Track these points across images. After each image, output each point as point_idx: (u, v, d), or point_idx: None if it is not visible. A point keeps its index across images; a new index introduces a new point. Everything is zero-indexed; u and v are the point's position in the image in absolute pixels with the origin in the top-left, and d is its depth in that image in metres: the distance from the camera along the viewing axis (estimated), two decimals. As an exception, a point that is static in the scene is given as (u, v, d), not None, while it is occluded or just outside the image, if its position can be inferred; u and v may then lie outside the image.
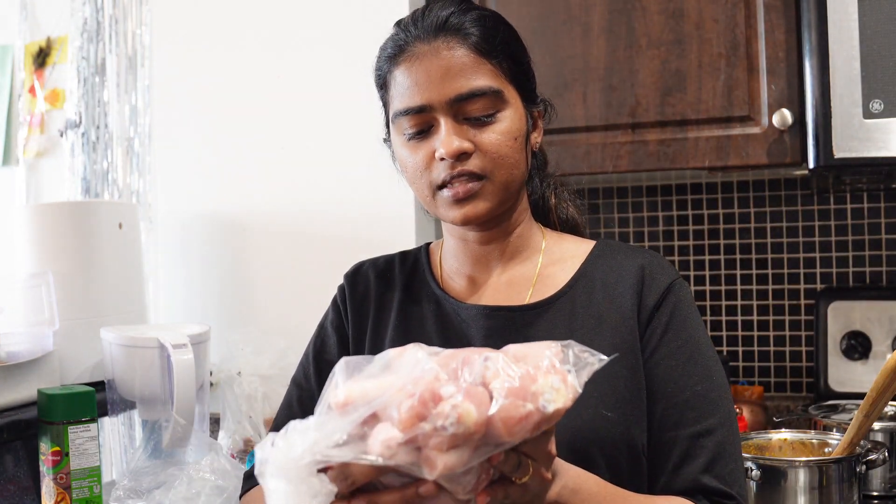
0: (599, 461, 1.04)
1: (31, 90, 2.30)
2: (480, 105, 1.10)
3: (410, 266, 1.27)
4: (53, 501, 1.37)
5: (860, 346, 1.97)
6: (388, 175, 1.27)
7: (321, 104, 2.00)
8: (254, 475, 1.23)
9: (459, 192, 1.10)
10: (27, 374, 1.50)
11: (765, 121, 1.73)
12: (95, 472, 1.40)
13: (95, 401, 1.42)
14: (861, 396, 1.47)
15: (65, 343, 1.62)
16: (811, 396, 2.07)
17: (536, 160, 1.26)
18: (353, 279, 1.28)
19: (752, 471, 1.45)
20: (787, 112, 1.69)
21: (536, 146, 1.21)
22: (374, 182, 1.93)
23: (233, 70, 2.07)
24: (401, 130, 1.14)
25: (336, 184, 1.98)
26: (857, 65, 1.58)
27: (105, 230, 1.74)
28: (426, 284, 1.23)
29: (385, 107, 1.19)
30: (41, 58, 2.28)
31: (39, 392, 1.43)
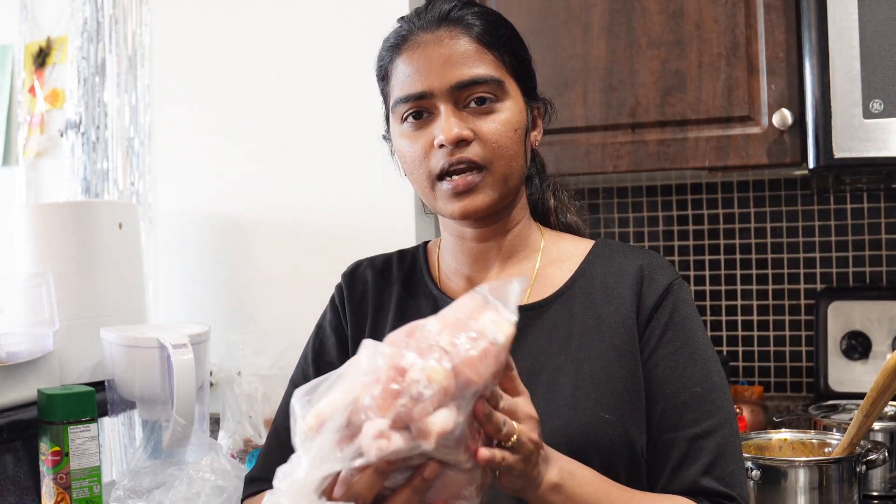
0: (597, 463, 1.03)
1: (31, 90, 2.30)
2: (481, 93, 1.10)
3: (408, 265, 1.26)
4: (53, 501, 1.37)
5: (860, 346, 1.97)
6: (388, 175, 1.27)
7: (321, 104, 2.00)
8: (255, 479, 1.23)
9: (459, 185, 1.09)
10: (27, 374, 1.50)
11: (765, 121, 1.73)
12: (95, 472, 1.40)
13: (95, 401, 1.42)
14: (861, 396, 1.47)
15: (65, 343, 1.62)
16: (811, 396, 2.06)
17: (536, 162, 1.26)
18: (351, 279, 1.27)
19: (752, 471, 1.45)
20: (787, 112, 1.69)
21: (536, 144, 1.20)
22: (374, 182, 1.93)
23: (233, 70, 2.07)
24: (399, 118, 1.14)
25: (336, 184, 1.98)
26: (857, 65, 1.58)
27: (105, 230, 1.74)
28: (424, 284, 1.23)
29: (385, 100, 1.19)
30: (41, 58, 2.28)
31: (39, 392, 1.43)
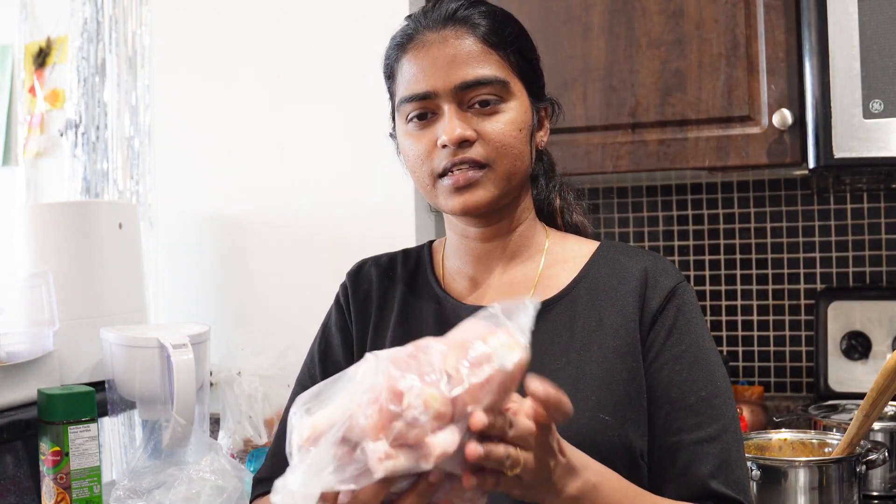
0: None
1: (31, 90, 2.30)
2: (485, 94, 1.10)
3: (413, 265, 1.26)
4: (53, 501, 1.37)
5: (860, 346, 1.97)
6: (389, 175, 1.27)
7: (321, 104, 2.00)
8: (263, 479, 1.23)
9: (459, 180, 1.09)
10: (27, 374, 1.50)
11: (765, 121, 1.73)
12: (95, 472, 1.40)
13: (95, 401, 1.42)
14: (861, 396, 1.47)
15: (65, 343, 1.61)
16: (811, 396, 2.06)
17: (543, 162, 1.26)
18: (356, 278, 1.27)
19: (752, 471, 1.45)
20: (787, 112, 1.69)
21: (542, 145, 1.20)
22: (375, 181, 1.93)
23: (233, 70, 2.07)
24: (404, 117, 1.14)
25: (336, 183, 1.98)
26: (857, 65, 1.58)
27: (105, 230, 1.74)
28: (428, 284, 1.22)
29: (392, 97, 1.19)
30: (41, 58, 2.28)
31: (39, 392, 1.43)
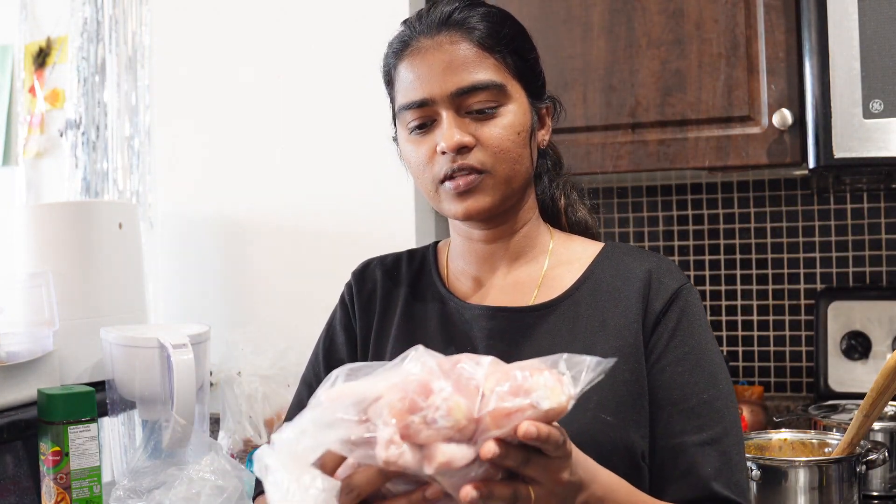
0: None
1: (31, 90, 2.30)
2: (482, 99, 1.10)
3: (418, 265, 1.26)
4: (53, 501, 1.37)
5: (860, 346, 1.97)
6: (389, 175, 1.27)
7: (321, 104, 2.00)
8: None
9: (460, 185, 1.10)
10: (27, 374, 1.50)
11: (765, 121, 1.73)
12: (95, 472, 1.40)
13: (95, 401, 1.42)
14: (861, 396, 1.47)
15: (65, 343, 1.61)
16: (811, 396, 2.06)
17: (548, 160, 1.26)
18: (361, 277, 1.27)
19: (752, 471, 1.45)
20: (787, 112, 1.69)
21: (544, 144, 1.20)
22: (375, 182, 1.93)
23: (233, 70, 2.07)
24: (404, 125, 1.14)
25: (336, 184, 1.98)
26: (857, 65, 1.58)
27: (105, 230, 1.74)
28: (432, 283, 1.23)
29: (392, 103, 1.19)
30: (41, 58, 2.28)
31: (39, 392, 1.43)
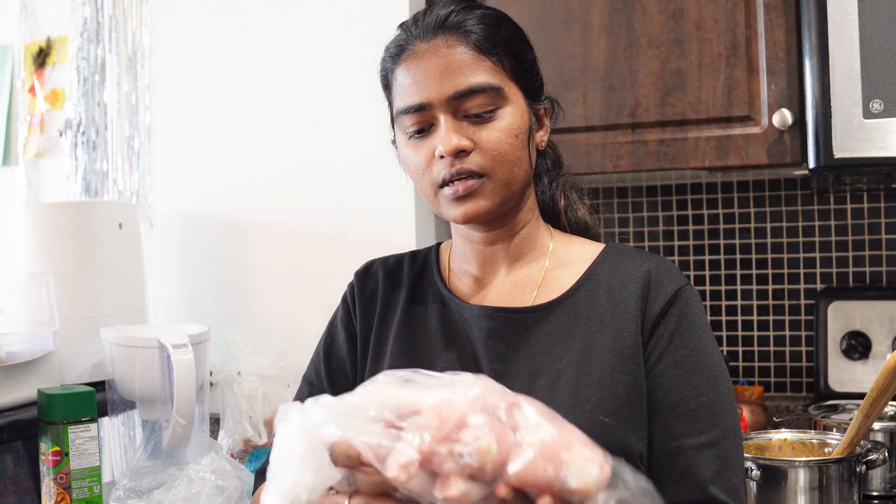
0: None
1: (31, 90, 2.30)
2: (479, 102, 1.10)
3: (419, 265, 1.27)
4: (53, 501, 1.37)
5: (860, 346, 1.97)
6: (388, 175, 1.27)
7: (321, 104, 2.00)
8: (265, 472, 1.24)
9: (459, 190, 1.10)
10: (27, 374, 1.50)
11: (765, 121, 1.73)
12: (95, 472, 1.40)
13: (95, 401, 1.42)
14: (861, 396, 1.47)
15: (65, 343, 1.61)
16: (811, 396, 2.06)
17: (547, 160, 1.26)
18: (363, 277, 1.28)
19: (752, 471, 1.45)
20: (787, 112, 1.69)
21: (542, 145, 1.20)
22: (374, 182, 1.93)
23: (233, 70, 2.07)
24: (403, 129, 1.15)
25: (336, 184, 1.98)
26: (857, 65, 1.58)
27: (105, 230, 1.74)
28: (433, 284, 1.23)
29: (390, 107, 1.20)
30: (41, 58, 2.28)
31: (39, 392, 1.43)
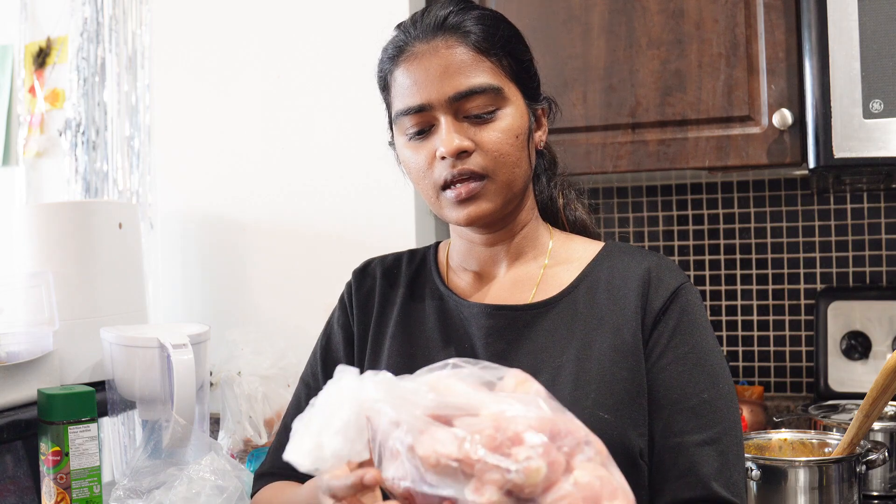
0: None
1: (31, 90, 2.30)
2: (480, 103, 1.10)
3: (418, 264, 1.27)
4: (53, 501, 1.37)
5: (860, 346, 1.97)
6: (388, 175, 1.27)
7: (321, 104, 2.00)
8: (265, 474, 1.24)
9: (462, 193, 1.10)
10: (27, 374, 1.50)
11: (765, 121, 1.73)
12: (95, 472, 1.40)
13: (95, 401, 1.42)
14: (861, 396, 1.47)
15: (65, 343, 1.61)
16: (811, 396, 2.06)
17: (544, 160, 1.26)
18: (361, 276, 1.28)
19: (752, 471, 1.45)
20: (787, 112, 1.69)
21: (541, 145, 1.20)
22: (374, 182, 1.93)
23: (233, 70, 2.07)
24: (402, 131, 1.14)
25: (336, 184, 1.98)
26: (857, 65, 1.58)
27: (105, 230, 1.74)
28: (431, 281, 1.23)
29: (388, 108, 1.19)
30: (41, 58, 2.28)
31: (39, 392, 1.43)
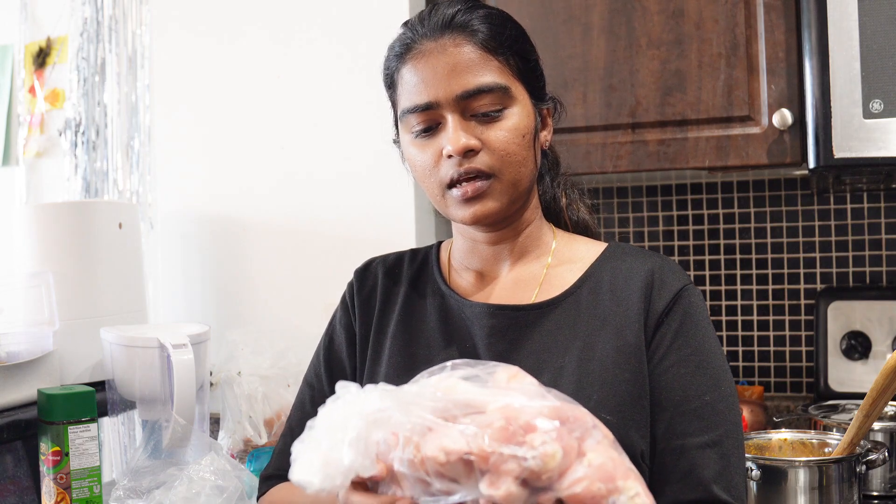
0: None
1: (31, 90, 2.30)
2: (487, 101, 1.10)
3: (420, 263, 1.27)
4: (53, 501, 1.37)
5: (860, 346, 1.97)
6: (389, 175, 1.27)
7: (321, 104, 2.00)
8: (271, 476, 1.24)
9: (468, 191, 1.10)
10: (27, 374, 1.50)
11: (765, 121, 1.73)
12: (95, 472, 1.40)
13: (95, 401, 1.42)
14: (861, 396, 1.47)
15: (65, 343, 1.61)
16: (811, 396, 2.06)
17: (548, 159, 1.26)
18: (363, 275, 1.28)
19: (752, 471, 1.45)
20: (787, 112, 1.69)
21: (546, 144, 1.20)
22: (374, 182, 1.93)
23: (233, 70, 2.07)
24: (409, 128, 1.14)
25: (336, 184, 1.98)
26: (857, 65, 1.58)
27: (105, 230, 1.74)
28: (433, 281, 1.23)
29: (394, 106, 1.19)
30: (41, 58, 2.28)
31: (39, 392, 1.43)
